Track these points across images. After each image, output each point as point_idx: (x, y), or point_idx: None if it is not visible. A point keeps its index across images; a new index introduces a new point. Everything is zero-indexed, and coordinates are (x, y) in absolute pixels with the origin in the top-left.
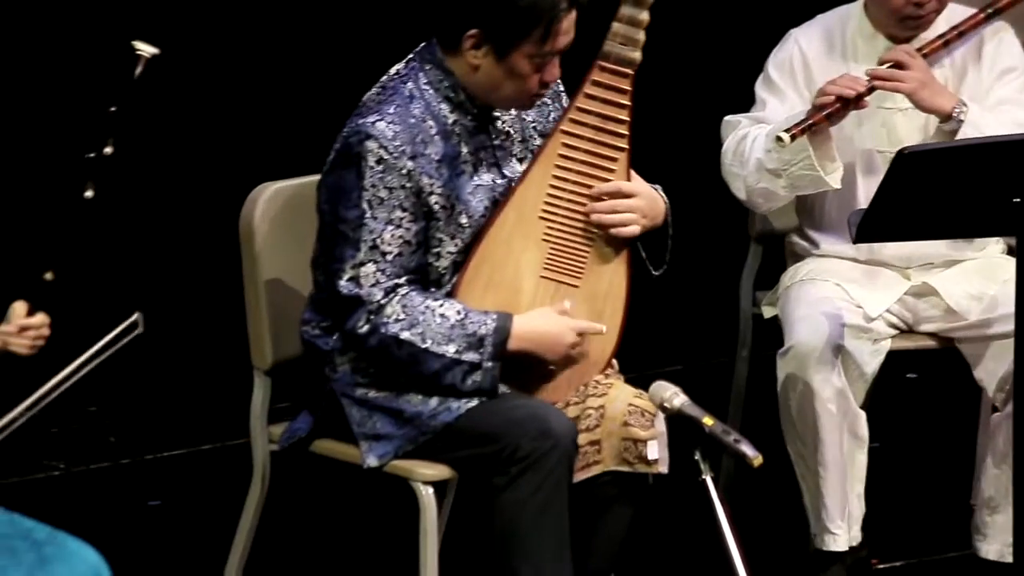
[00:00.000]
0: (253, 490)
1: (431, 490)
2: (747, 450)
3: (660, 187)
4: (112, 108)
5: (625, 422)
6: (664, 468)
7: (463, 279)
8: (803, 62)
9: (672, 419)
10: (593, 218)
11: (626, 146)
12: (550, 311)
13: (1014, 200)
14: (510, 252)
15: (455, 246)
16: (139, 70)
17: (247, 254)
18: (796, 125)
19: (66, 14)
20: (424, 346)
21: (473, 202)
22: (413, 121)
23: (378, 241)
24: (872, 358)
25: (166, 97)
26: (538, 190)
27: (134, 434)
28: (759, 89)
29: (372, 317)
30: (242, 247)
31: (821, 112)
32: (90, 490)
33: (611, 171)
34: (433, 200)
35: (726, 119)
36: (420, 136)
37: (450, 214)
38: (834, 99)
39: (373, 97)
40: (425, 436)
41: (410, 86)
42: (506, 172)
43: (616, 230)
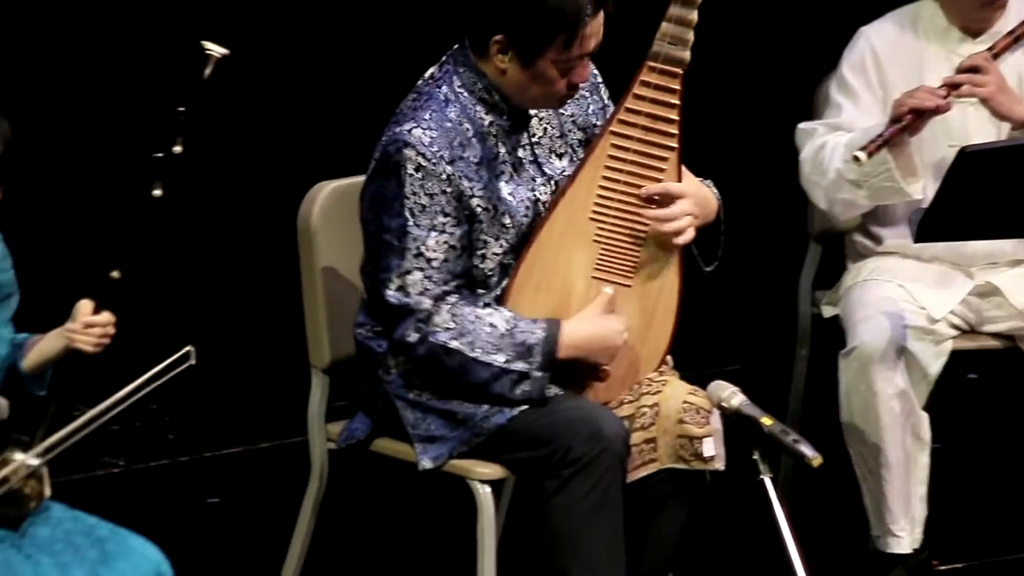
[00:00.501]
0: (311, 488)
1: (488, 489)
2: (806, 450)
3: (711, 182)
4: (181, 108)
5: (680, 419)
6: (721, 464)
7: (514, 282)
8: (875, 60)
9: (730, 419)
10: (648, 229)
11: (676, 145)
12: (597, 313)
13: None
14: (560, 254)
15: (500, 247)
16: (208, 70)
17: (304, 252)
18: (872, 142)
19: (137, 15)
20: (473, 355)
21: (514, 202)
22: (449, 125)
23: (423, 248)
24: (935, 359)
25: (231, 98)
26: (588, 191)
27: (193, 432)
28: (834, 93)
29: (421, 326)
30: (300, 245)
31: (897, 125)
32: (150, 487)
33: (661, 171)
34: (475, 203)
35: (801, 127)
36: (457, 140)
37: (492, 215)
38: (908, 111)
39: (409, 103)
40: (478, 438)
41: (445, 90)
42: (546, 170)
43: (673, 239)
